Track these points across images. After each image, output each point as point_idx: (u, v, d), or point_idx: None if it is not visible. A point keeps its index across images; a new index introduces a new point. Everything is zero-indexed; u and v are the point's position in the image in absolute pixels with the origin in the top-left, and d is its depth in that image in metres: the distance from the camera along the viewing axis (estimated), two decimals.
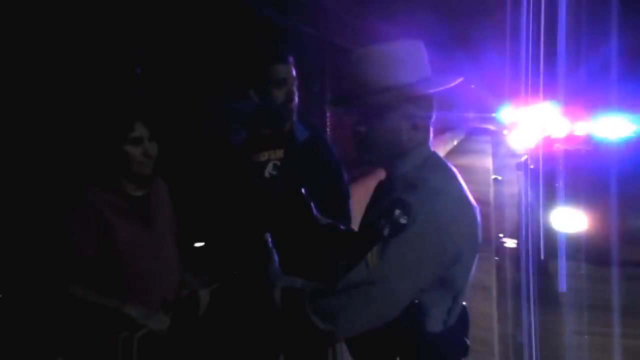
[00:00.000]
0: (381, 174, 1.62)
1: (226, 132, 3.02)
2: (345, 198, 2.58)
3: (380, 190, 1.62)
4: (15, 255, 2.02)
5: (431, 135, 1.54)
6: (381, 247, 1.33)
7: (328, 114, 5.82)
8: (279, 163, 2.37)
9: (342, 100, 1.66)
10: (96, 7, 2.38)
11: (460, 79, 1.52)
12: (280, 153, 2.38)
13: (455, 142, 22.27)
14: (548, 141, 9.57)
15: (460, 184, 1.46)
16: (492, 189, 11.17)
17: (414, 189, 1.38)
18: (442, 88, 1.47)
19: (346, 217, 2.57)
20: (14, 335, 1.81)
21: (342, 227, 1.92)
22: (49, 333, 1.97)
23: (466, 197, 1.43)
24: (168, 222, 2.15)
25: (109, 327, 1.86)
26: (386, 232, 1.33)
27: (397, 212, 1.33)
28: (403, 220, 1.32)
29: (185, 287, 2.15)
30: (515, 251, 6.85)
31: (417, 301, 1.37)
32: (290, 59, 2.37)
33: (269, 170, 2.37)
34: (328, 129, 5.79)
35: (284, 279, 1.56)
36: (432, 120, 1.52)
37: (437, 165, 1.50)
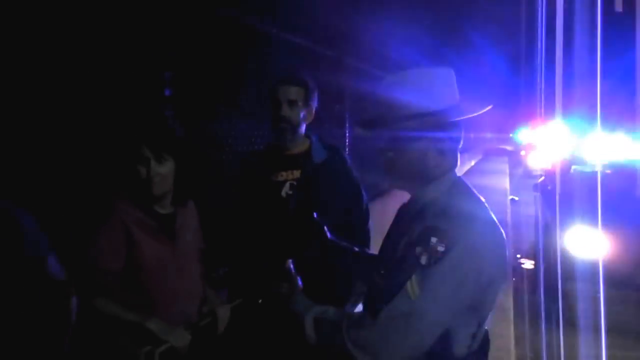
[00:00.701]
0: (399, 195, 1.66)
1: (249, 151, 3.10)
2: (363, 220, 2.61)
3: (404, 215, 1.59)
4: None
5: (458, 161, 1.54)
6: (421, 276, 1.32)
7: (348, 135, 5.90)
8: (295, 183, 2.41)
9: (370, 124, 1.64)
10: (125, 35, 2.47)
11: (489, 107, 1.52)
12: (297, 173, 2.42)
13: (472, 163, 22.24)
14: (565, 162, 9.56)
15: (488, 209, 1.47)
16: (509, 210, 11.14)
17: (447, 216, 1.38)
18: (471, 115, 1.48)
19: (365, 239, 2.59)
20: (36, 346, 1.78)
21: (360, 250, 1.92)
22: (72, 345, 1.95)
23: (495, 222, 1.44)
24: (193, 240, 2.18)
25: (131, 342, 1.88)
26: (424, 260, 1.32)
27: (434, 240, 1.32)
28: (441, 248, 1.31)
29: (206, 303, 2.17)
30: (532, 272, 6.83)
31: (447, 327, 1.36)
32: (296, 82, 2.43)
33: (285, 190, 2.41)
34: (347, 150, 5.85)
35: (314, 309, 1.56)
36: (460, 146, 1.53)
37: (465, 191, 1.51)
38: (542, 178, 10.21)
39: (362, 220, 2.61)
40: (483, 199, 1.51)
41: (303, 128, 2.48)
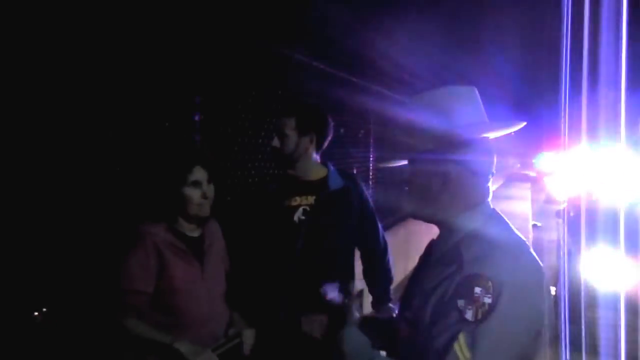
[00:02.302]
0: (414, 223, 1.62)
1: (268, 174, 3.13)
2: (380, 248, 2.65)
3: (435, 254, 1.42)
4: (76, 286, 2.08)
5: (490, 190, 1.42)
6: (470, 335, 1.16)
7: (372, 159, 5.97)
8: (308, 209, 2.43)
9: (392, 154, 1.55)
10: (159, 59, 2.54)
11: (520, 124, 1.38)
12: (311, 199, 2.44)
13: (494, 188, 22.04)
14: (588, 189, 9.49)
15: (528, 245, 1.30)
16: (531, 236, 11.05)
17: (489, 260, 1.22)
18: (497, 133, 1.38)
19: (383, 267, 2.65)
20: None
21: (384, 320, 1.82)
22: None
23: (537, 260, 1.27)
24: (220, 262, 2.23)
25: None
26: (469, 315, 1.16)
27: (478, 290, 1.17)
28: (487, 300, 1.15)
29: (232, 326, 2.18)
30: (554, 298, 6.78)
31: None
32: (287, 113, 2.46)
33: (298, 215, 2.43)
34: (371, 175, 5.93)
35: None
36: (492, 174, 1.40)
37: (504, 226, 1.35)
38: (565, 204, 10.14)
39: (378, 250, 2.65)
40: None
41: (311, 156, 2.49)
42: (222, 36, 3.05)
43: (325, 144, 2.55)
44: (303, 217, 2.43)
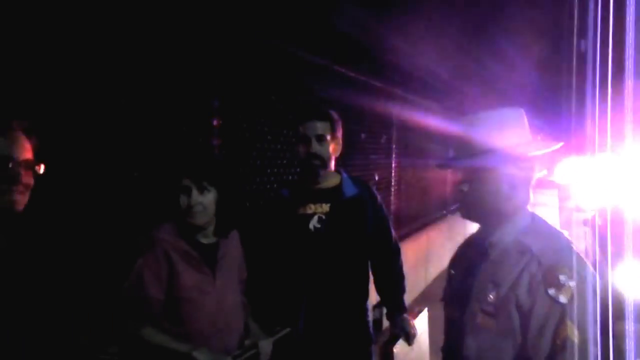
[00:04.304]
0: (434, 230, 1.69)
1: (283, 181, 3.09)
2: (393, 254, 2.64)
3: (493, 246, 1.59)
4: (92, 295, 2.07)
5: (531, 197, 1.61)
6: (570, 316, 1.35)
7: (394, 166, 5.94)
8: (324, 217, 2.43)
9: (447, 162, 1.77)
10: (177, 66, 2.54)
11: (559, 145, 1.59)
12: (326, 207, 2.44)
13: None
14: (617, 197, 9.24)
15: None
16: None
17: (556, 250, 1.44)
18: (540, 152, 1.55)
19: (394, 275, 2.63)
20: None
21: None
22: None
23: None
24: (236, 272, 2.19)
25: None
26: (563, 299, 1.36)
27: (562, 277, 1.38)
28: (572, 283, 1.37)
29: (248, 336, 2.16)
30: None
31: None
32: (321, 117, 2.43)
33: (313, 223, 2.43)
34: (393, 182, 5.88)
35: None
36: (532, 183, 1.60)
37: (547, 223, 1.58)
38: (593, 213, 9.90)
39: (391, 256, 2.64)
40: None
41: (333, 162, 2.49)
42: (244, 40, 3.04)
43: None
44: (318, 225, 2.42)
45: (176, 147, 2.56)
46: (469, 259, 1.68)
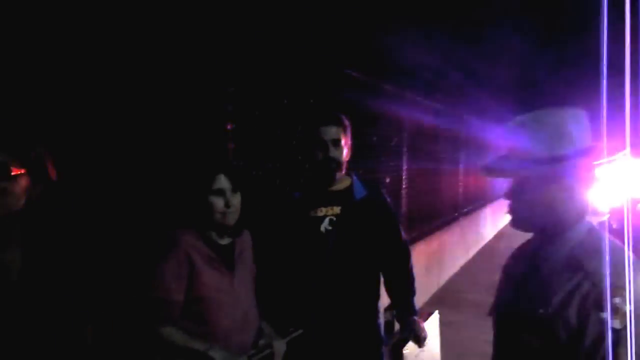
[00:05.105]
0: (447, 233, 1.61)
1: (293, 184, 3.11)
2: (402, 256, 2.64)
3: (546, 260, 1.46)
4: (111, 295, 2.09)
5: (588, 207, 1.46)
6: (622, 342, 1.24)
7: (405, 168, 5.92)
8: (335, 219, 2.45)
9: (496, 169, 1.55)
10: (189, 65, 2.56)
11: (622, 153, 1.48)
12: (337, 209, 2.46)
13: None
14: (633, 199, 9.12)
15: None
16: None
17: (613, 269, 1.28)
18: (613, 159, 1.45)
19: (404, 274, 2.63)
20: None
21: None
22: None
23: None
24: (249, 271, 2.22)
25: None
26: (617, 324, 1.25)
27: (618, 300, 1.25)
28: (628, 307, 1.24)
29: (262, 336, 2.17)
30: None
31: None
32: (337, 122, 2.45)
33: (324, 225, 2.45)
34: (404, 185, 5.86)
35: None
36: (589, 190, 1.44)
37: (600, 232, 1.42)
38: (607, 216, 9.80)
39: (401, 257, 2.64)
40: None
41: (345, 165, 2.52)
42: (256, 43, 3.06)
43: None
44: (330, 228, 2.44)
45: (210, 149, 2.61)
46: (520, 272, 1.56)
